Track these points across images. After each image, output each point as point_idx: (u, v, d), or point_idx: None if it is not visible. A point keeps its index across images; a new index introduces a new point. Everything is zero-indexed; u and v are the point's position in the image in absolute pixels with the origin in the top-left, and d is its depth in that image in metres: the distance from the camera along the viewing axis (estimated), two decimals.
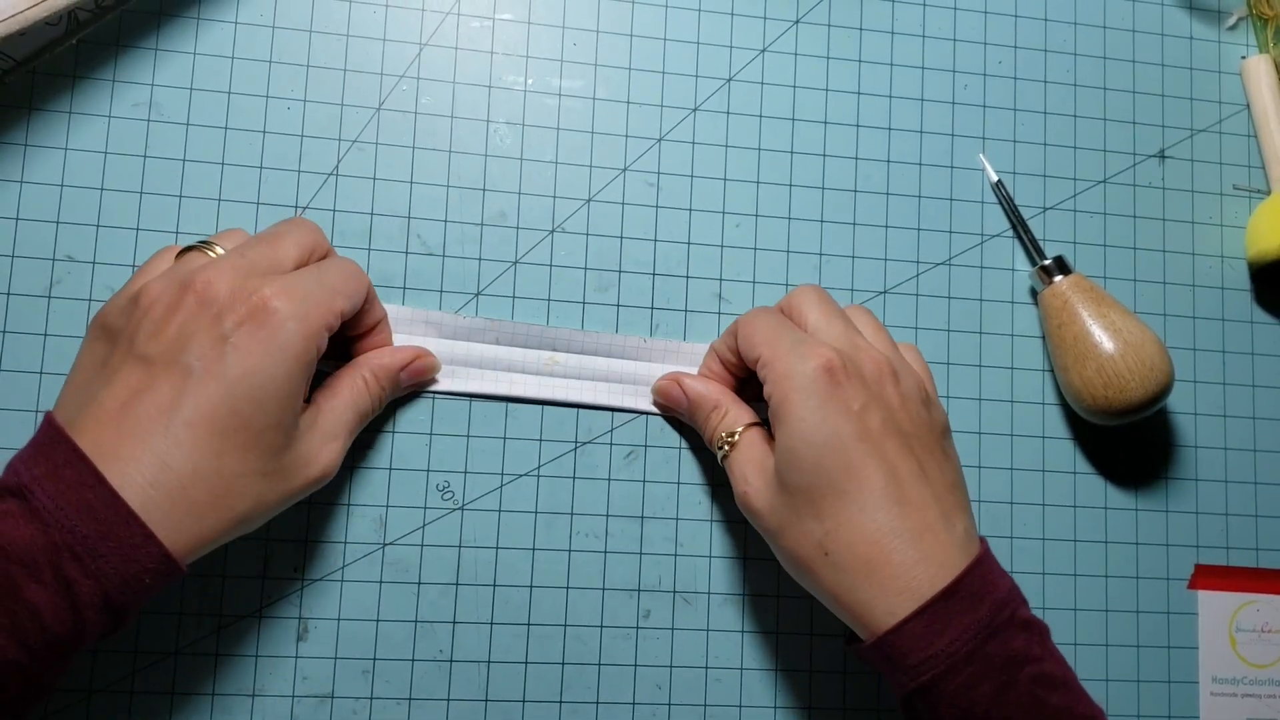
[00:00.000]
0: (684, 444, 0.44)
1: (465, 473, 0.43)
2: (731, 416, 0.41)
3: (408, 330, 0.43)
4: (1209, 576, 0.47)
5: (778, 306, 0.41)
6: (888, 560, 0.35)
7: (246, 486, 0.34)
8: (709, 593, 0.44)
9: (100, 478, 0.31)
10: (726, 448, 0.40)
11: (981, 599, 0.35)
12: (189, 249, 0.37)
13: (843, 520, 0.35)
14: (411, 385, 0.42)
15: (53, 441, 0.32)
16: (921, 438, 0.37)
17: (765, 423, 0.39)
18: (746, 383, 0.43)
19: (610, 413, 0.44)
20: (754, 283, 0.45)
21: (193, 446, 0.32)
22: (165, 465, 0.32)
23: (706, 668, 0.43)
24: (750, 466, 0.39)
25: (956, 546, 0.35)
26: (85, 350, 0.36)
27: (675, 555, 0.44)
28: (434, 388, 0.42)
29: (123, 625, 0.33)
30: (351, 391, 0.39)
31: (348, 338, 0.40)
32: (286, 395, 0.34)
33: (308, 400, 0.37)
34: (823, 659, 0.44)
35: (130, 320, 0.34)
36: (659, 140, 0.46)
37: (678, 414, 0.44)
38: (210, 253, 0.37)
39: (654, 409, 0.44)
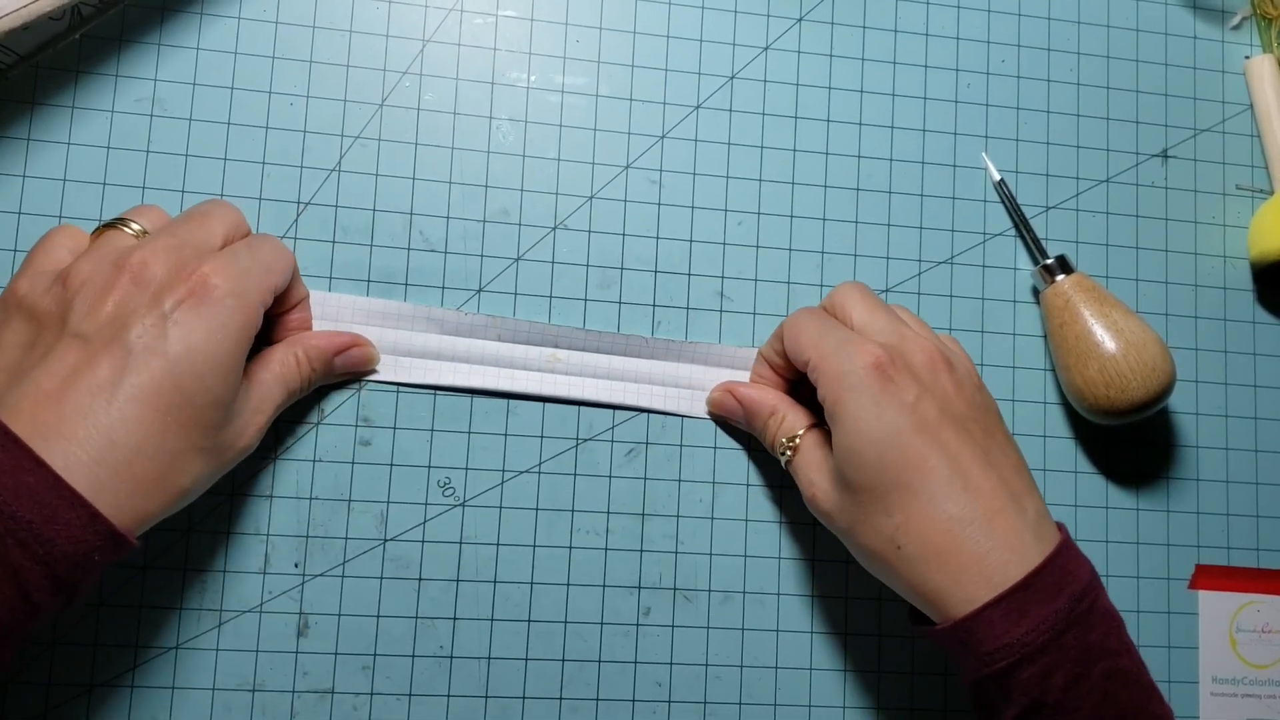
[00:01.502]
0: (685, 441, 0.44)
1: (466, 469, 0.43)
2: (790, 420, 0.41)
3: (409, 326, 0.43)
4: (1210, 577, 0.47)
5: (821, 305, 0.41)
6: (960, 548, 0.35)
7: (188, 462, 0.34)
8: (709, 590, 0.44)
9: (38, 459, 0.30)
10: (789, 453, 0.40)
11: (1061, 589, 0.35)
12: (106, 227, 0.37)
13: (911, 513, 0.35)
14: (346, 373, 0.42)
15: None
16: (981, 422, 0.37)
17: (824, 422, 0.39)
18: (799, 384, 0.43)
19: (611, 410, 0.44)
20: (756, 280, 0.45)
21: (137, 423, 0.32)
22: (110, 442, 0.31)
23: (706, 665, 0.43)
24: (814, 469, 0.39)
25: (1029, 529, 0.35)
26: (2, 331, 0.35)
27: (676, 553, 0.44)
28: (435, 383, 0.43)
29: (76, 600, 0.32)
30: (283, 367, 0.39)
31: (271, 315, 0.40)
32: (228, 371, 0.34)
33: None
34: (822, 656, 0.44)
35: (60, 300, 0.34)
36: (661, 138, 0.46)
37: (736, 423, 0.44)
38: (126, 229, 0.36)
39: (655, 406, 0.44)
